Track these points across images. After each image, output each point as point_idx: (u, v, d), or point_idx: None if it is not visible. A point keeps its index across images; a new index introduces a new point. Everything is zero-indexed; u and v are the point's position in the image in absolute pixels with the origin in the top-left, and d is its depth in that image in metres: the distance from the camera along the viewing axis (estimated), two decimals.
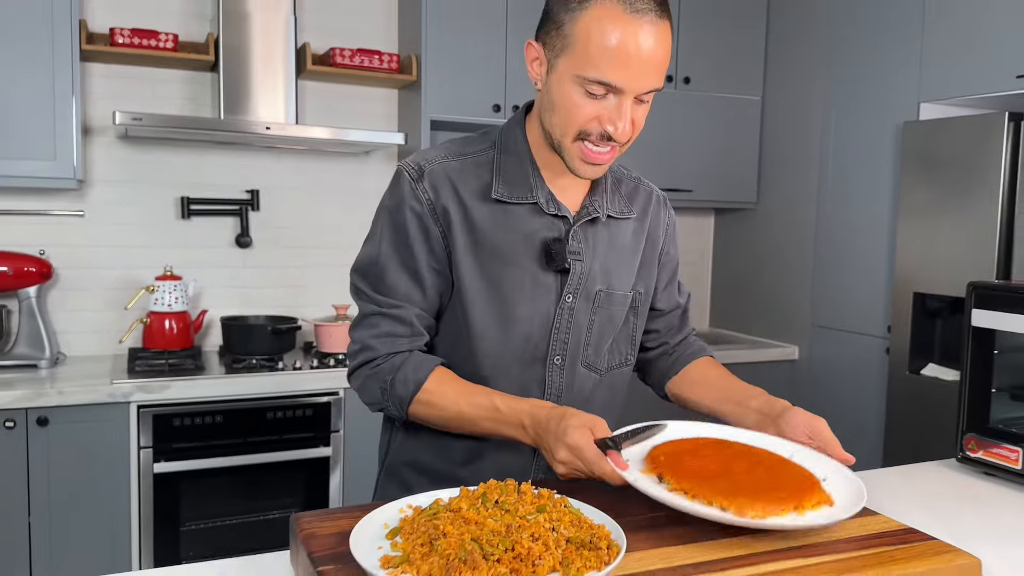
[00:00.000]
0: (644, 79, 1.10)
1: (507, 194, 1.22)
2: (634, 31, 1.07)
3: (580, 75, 1.11)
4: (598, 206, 1.28)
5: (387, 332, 1.21)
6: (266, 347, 2.82)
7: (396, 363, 1.20)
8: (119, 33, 2.70)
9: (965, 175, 2.65)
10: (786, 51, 3.51)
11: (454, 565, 0.85)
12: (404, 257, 1.22)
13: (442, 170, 1.23)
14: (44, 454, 2.39)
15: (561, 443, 1.06)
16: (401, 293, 1.22)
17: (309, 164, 3.18)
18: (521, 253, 1.23)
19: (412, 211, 1.22)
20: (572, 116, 1.14)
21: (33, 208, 2.81)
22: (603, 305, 1.29)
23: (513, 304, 1.22)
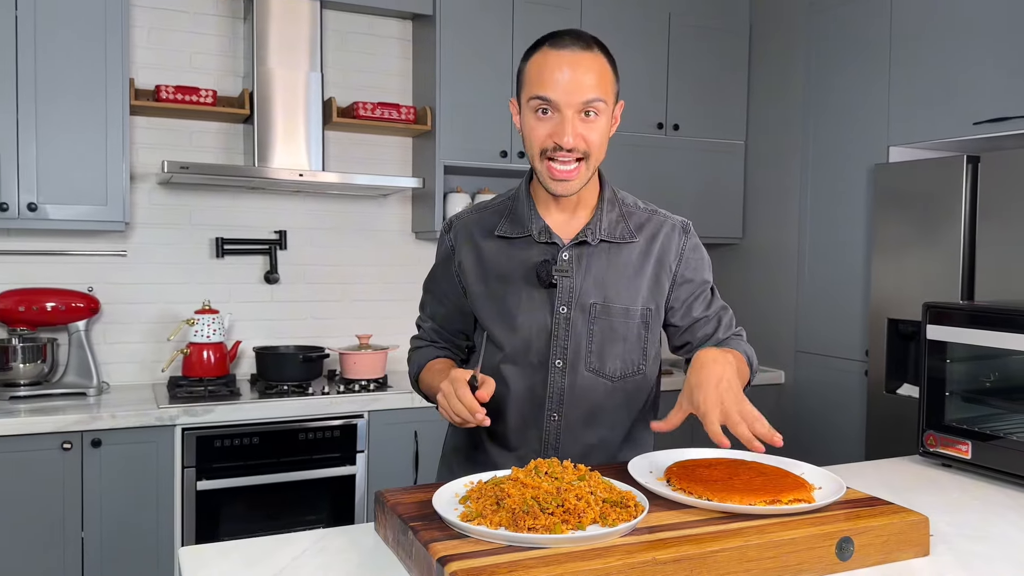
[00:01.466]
0: (573, 93, 1.40)
1: (508, 231, 1.54)
2: (557, 58, 1.42)
3: (529, 99, 1.44)
4: (589, 234, 1.53)
5: (416, 337, 1.73)
6: (296, 374, 3.06)
7: (415, 355, 1.69)
8: (164, 90, 2.98)
9: (931, 211, 2.94)
10: (767, 99, 3.83)
11: (519, 516, 1.10)
12: (432, 286, 1.68)
13: (464, 224, 1.61)
14: (97, 473, 2.60)
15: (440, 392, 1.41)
16: (427, 313, 1.69)
17: (333, 207, 3.45)
18: (519, 275, 1.53)
19: (440, 254, 1.65)
20: (531, 137, 1.46)
21: (82, 249, 3.06)
22: (601, 316, 1.52)
23: (514, 315, 1.52)
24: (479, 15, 3.33)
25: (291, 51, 3.12)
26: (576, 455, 1.55)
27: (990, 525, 1.40)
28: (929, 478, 1.66)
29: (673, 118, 3.76)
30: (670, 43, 3.73)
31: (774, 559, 1.13)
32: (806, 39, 3.56)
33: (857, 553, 1.18)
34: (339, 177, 3.09)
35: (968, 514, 1.45)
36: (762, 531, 1.15)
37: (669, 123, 3.75)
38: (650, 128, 3.70)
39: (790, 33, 3.69)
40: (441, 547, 1.07)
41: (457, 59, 3.30)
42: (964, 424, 1.69)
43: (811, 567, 1.16)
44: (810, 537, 1.15)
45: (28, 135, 2.70)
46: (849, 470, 1.70)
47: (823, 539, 1.16)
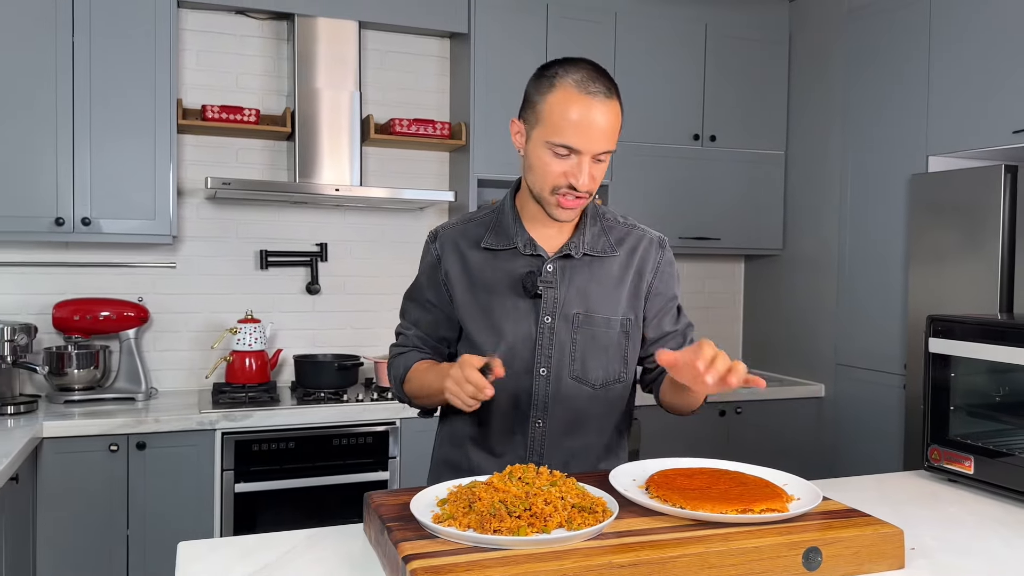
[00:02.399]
0: (596, 143, 1.45)
1: (494, 243, 1.59)
2: (587, 107, 1.43)
3: (549, 141, 1.45)
4: (573, 247, 1.58)
5: (398, 344, 1.71)
6: (332, 381, 3.17)
7: (400, 359, 1.67)
8: (210, 109, 3.13)
9: (969, 222, 2.88)
10: (807, 109, 3.80)
11: (486, 518, 1.15)
12: (416, 294, 1.69)
13: (450, 234, 1.65)
14: (142, 474, 2.74)
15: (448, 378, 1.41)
16: (410, 320, 1.69)
17: (371, 220, 3.56)
18: (505, 286, 1.57)
19: (425, 263, 1.67)
20: (545, 174, 1.48)
21: (133, 261, 3.22)
22: (583, 326, 1.57)
23: (500, 324, 1.57)
24: (513, 31, 3.40)
25: (331, 71, 3.24)
26: (559, 461, 1.60)
27: (978, 540, 1.38)
28: (930, 492, 1.64)
29: (710, 129, 3.76)
30: (706, 54, 3.74)
31: (736, 567, 1.15)
32: (845, 48, 3.53)
33: (826, 563, 1.19)
34: (374, 191, 3.19)
35: (959, 529, 1.44)
36: (727, 539, 1.17)
37: (706, 134, 3.75)
38: (686, 139, 3.70)
39: (829, 42, 3.65)
40: (409, 546, 1.12)
41: (491, 75, 3.37)
42: (968, 439, 1.67)
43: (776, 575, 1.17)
44: (776, 546, 1.17)
45: (83, 154, 2.87)
46: (850, 484, 1.70)
47: (789, 548, 1.18)
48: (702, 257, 4.15)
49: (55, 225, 2.84)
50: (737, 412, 3.54)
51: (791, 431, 3.64)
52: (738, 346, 4.27)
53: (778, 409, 3.63)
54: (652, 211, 3.64)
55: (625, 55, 3.58)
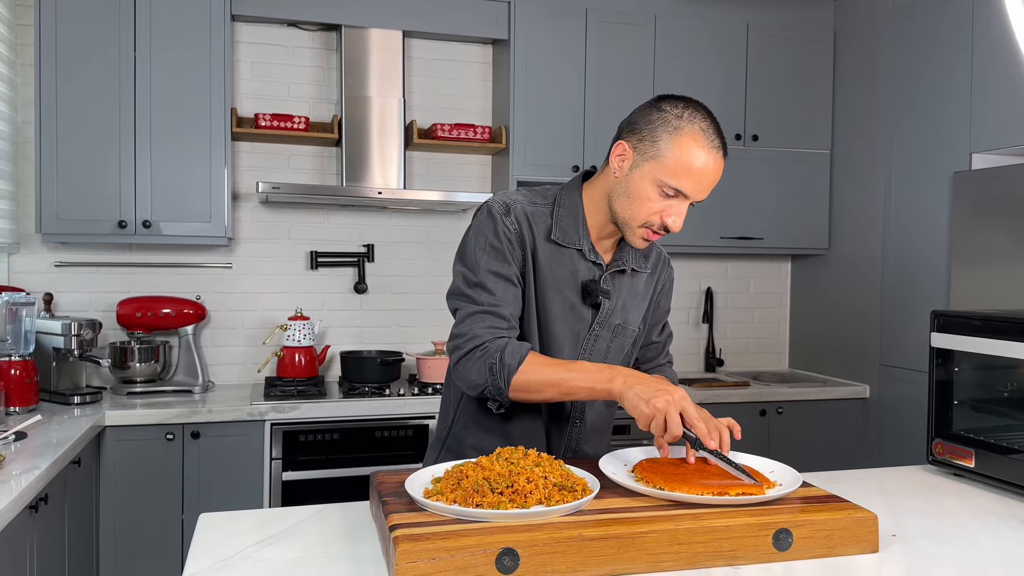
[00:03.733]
0: (703, 192, 1.51)
1: (562, 238, 1.59)
2: (710, 160, 1.47)
3: (662, 180, 1.48)
4: (625, 261, 1.65)
5: (491, 325, 1.51)
6: (377, 376, 3.30)
7: (501, 344, 1.48)
8: (262, 117, 3.30)
9: (1012, 219, 2.83)
10: (851, 108, 3.77)
11: (470, 494, 1.23)
12: (500, 268, 1.53)
13: (523, 210, 1.58)
14: (196, 462, 2.91)
15: (665, 393, 1.36)
16: (499, 296, 1.53)
17: (415, 222, 3.69)
18: (566, 285, 1.60)
19: (505, 236, 1.54)
20: (644, 207, 1.51)
21: (191, 261, 3.42)
22: (618, 336, 1.66)
23: (551, 322, 1.59)
24: (553, 35, 3.48)
25: (377, 79, 3.38)
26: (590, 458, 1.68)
27: (963, 529, 1.40)
28: (931, 485, 1.66)
29: (752, 129, 3.76)
30: (748, 53, 3.75)
31: (705, 544, 1.21)
32: (889, 46, 3.49)
33: (797, 545, 1.24)
34: (418, 194, 3.31)
35: (948, 519, 1.46)
36: (697, 517, 1.23)
37: (748, 134, 3.76)
38: (728, 139, 3.70)
39: (874, 40, 3.62)
40: (397, 517, 1.21)
41: (531, 78, 3.46)
42: (971, 433, 1.68)
43: (746, 554, 1.22)
44: (745, 526, 1.22)
45: (144, 161, 3.07)
46: (852, 476, 1.72)
47: (759, 529, 1.23)
48: (748, 257, 4.15)
49: (118, 227, 3.04)
50: (779, 412, 3.54)
51: (834, 432, 3.62)
52: (784, 347, 4.25)
53: (822, 410, 3.61)
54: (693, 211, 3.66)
55: (665, 57, 3.62)
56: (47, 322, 2.93)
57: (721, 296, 4.14)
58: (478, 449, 1.69)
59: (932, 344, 1.71)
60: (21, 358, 2.70)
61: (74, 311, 3.29)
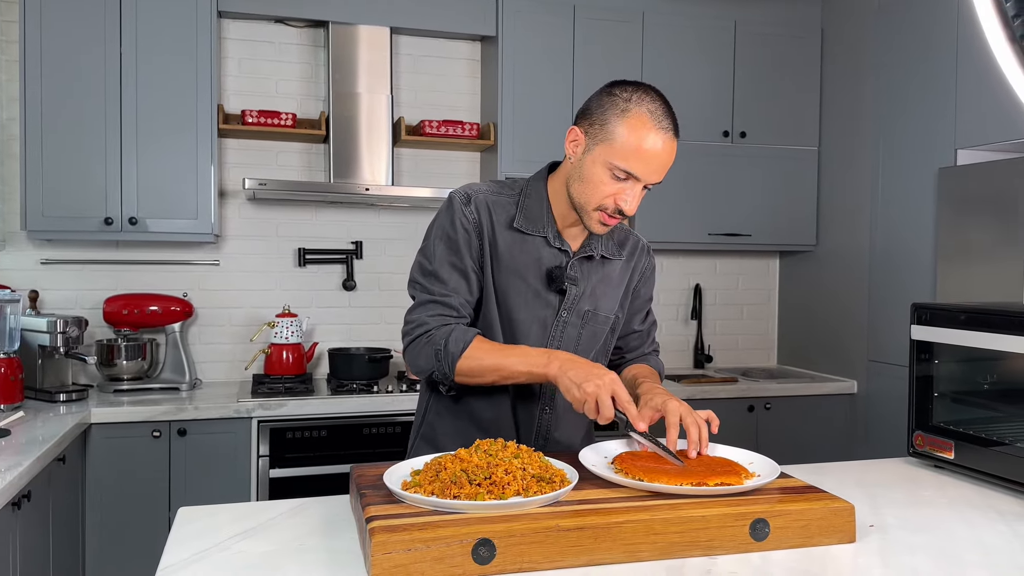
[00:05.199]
0: (655, 174, 1.51)
1: (525, 226, 1.61)
2: (658, 140, 1.48)
3: (612, 163, 1.49)
4: (593, 247, 1.66)
5: (440, 313, 1.56)
6: (364, 373, 3.30)
7: (447, 331, 1.53)
8: (249, 114, 3.29)
9: (996, 215, 2.84)
10: (838, 105, 3.78)
11: (447, 485, 1.23)
12: (454, 259, 1.57)
13: (484, 199, 1.60)
14: (182, 459, 2.90)
15: (596, 377, 1.41)
16: (451, 286, 1.56)
17: (404, 218, 3.68)
18: (529, 272, 1.61)
19: (462, 226, 1.57)
20: (597, 191, 1.53)
21: (178, 258, 3.41)
22: (589, 323, 1.66)
23: (514, 309, 1.61)
24: (541, 32, 3.48)
25: (364, 75, 3.37)
26: (563, 445, 1.70)
27: (941, 521, 1.41)
28: (910, 477, 1.66)
29: (740, 126, 3.77)
30: (735, 50, 3.75)
31: (681, 534, 1.21)
32: (876, 43, 3.50)
33: (774, 535, 1.24)
34: (406, 191, 3.31)
35: (925, 510, 1.46)
36: (674, 508, 1.23)
37: (736, 131, 3.76)
38: (715, 136, 3.73)
39: (860, 38, 3.63)
40: (375, 509, 1.21)
41: (519, 75, 3.46)
42: (951, 425, 1.68)
43: (723, 544, 1.23)
44: (722, 516, 1.23)
45: (130, 157, 3.06)
46: (832, 468, 1.73)
47: (736, 519, 1.23)
48: (736, 254, 4.16)
49: (104, 225, 3.03)
50: (767, 408, 3.55)
51: (822, 427, 3.63)
52: (773, 344, 4.26)
53: (809, 405, 3.62)
54: (682, 208, 3.68)
55: (653, 54, 3.63)
56: (33, 319, 2.92)
57: (710, 293, 4.15)
58: (449, 435, 1.71)
59: (912, 336, 1.71)
60: (6, 355, 2.68)
61: (60, 309, 3.27)
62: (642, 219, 3.60)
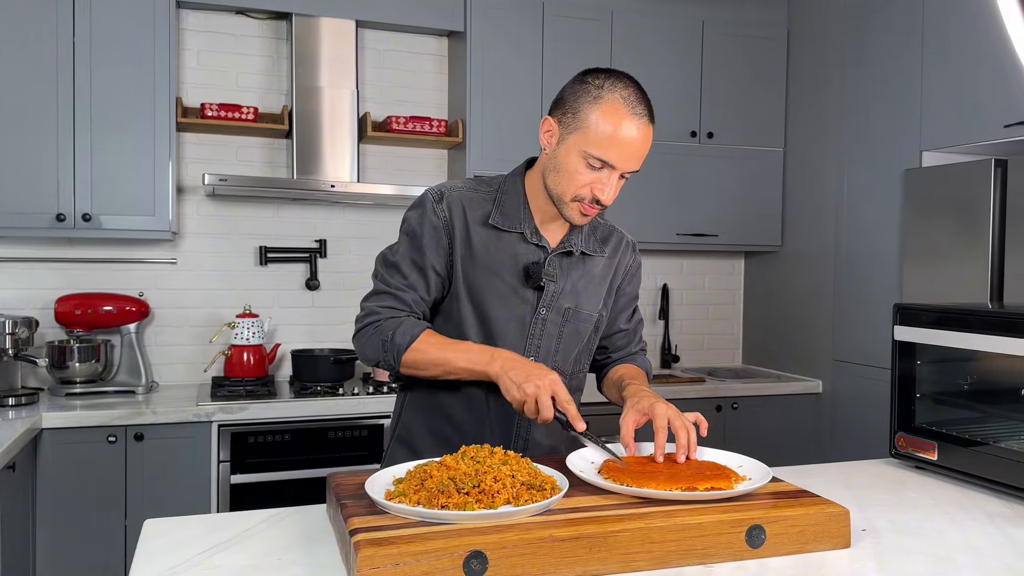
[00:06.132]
0: (631, 162, 1.48)
1: (501, 222, 1.57)
2: (632, 127, 1.45)
3: (586, 151, 1.46)
4: (573, 243, 1.63)
5: (390, 305, 1.54)
6: (329, 376, 3.21)
7: (396, 323, 1.51)
8: (209, 107, 3.19)
9: (961, 216, 2.88)
10: (804, 106, 3.80)
11: (435, 495, 1.18)
12: (415, 256, 1.55)
13: (458, 197, 1.57)
14: (139, 465, 2.79)
15: (537, 378, 1.37)
16: (408, 281, 1.55)
17: (370, 216, 3.60)
18: (506, 269, 1.57)
19: (430, 223, 1.55)
20: (573, 182, 1.49)
21: (134, 256, 3.29)
22: (571, 320, 1.62)
23: (490, 306, 1.57)
24: (510, 29, 3.43)
25: (329, 69, 3.29)
26: (546, 447, 1.65)
27: (930, 522, 1.40)
28: (895, 479, 1.65)
29: (707, 126, 3.77)
30: (703, 51, 3.75)
31: (678, 542, 1.17)
32: (842, 45, 3.53)
33: (770, 542, 1.21)
34: (371, 188, 3.23)
35: (914, 512, 1.45)
36: (669, 515, 1.19)
37: (703, 131, 3.76)
38: (683, 136, 3.72)
39: (827, 39, 3.66)
40: (358, 521, 1.15)
41: (487, 72, 3.41)
42: (933, 426, 1.68)
43: (719, 552, 1.19)
44: (718, 523, 1.19)
45: (83, 151, 2.93)
46: (816, 470, 1.71)
47: (732, 526, 1.20)
48: (701, 254, 4.16)
49: (56, 221, 2.90)
50: (733, 407, 3.55)
51: (788, 426, 3.64)
52: (738, 343, 4.27)
53: (776, 405, 3.63)
54: (650, 208, 3.67)
55: (622, 53, 3.60)
56: None
57: (676, 293, 4.14)
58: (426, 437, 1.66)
59: (895, 337, 1.71)
60: None
61: (9, 309, 3.13)
62: (612, 219, 3.56)
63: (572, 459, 1.42)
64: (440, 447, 1.60)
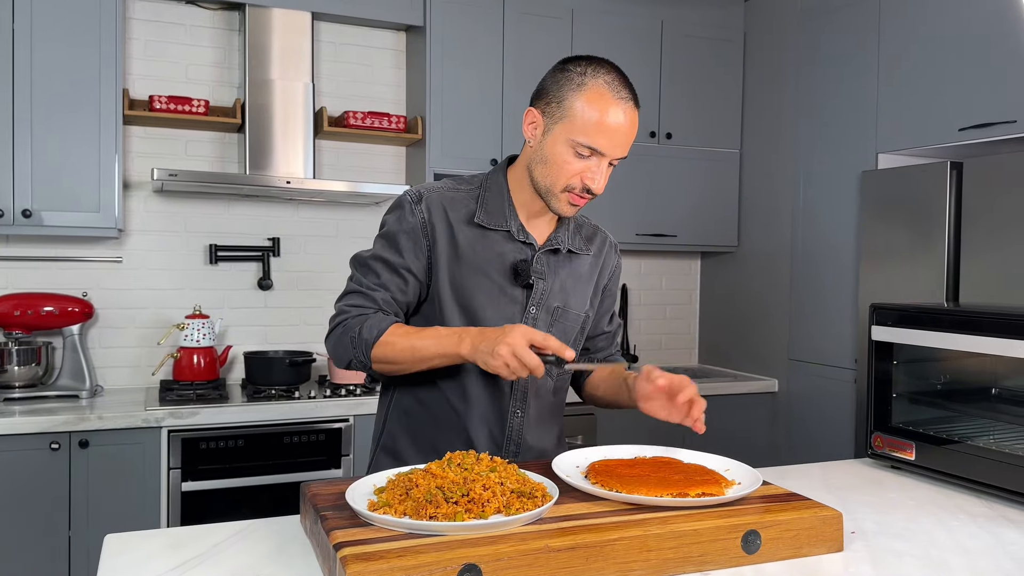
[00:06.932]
0: (620, 148, 1.45)
1: (486, 221, 1.53)
2: (618, 111, 1.43)
3: (574, 140, 1.43)
4: (560, 241, 1.59)
5: (359, 304, 1.50)
6: (284, 378, 3.11)
7: (363, 319, 1.47)
8: (157, 100, 3.06)
9: (917, 218, 2.92)
10: (761, 108, 3.83)
11: (422, 505, 1.12)
12: (390, 256, 1.51)
13: (438, 198, 1.53)
14: (84, 473, 2.66)
15: (504, 337, 1.31)
16: (381, 280, 1.51)
17: (325, 214, 3.51)
18: (493, 268, 1.53)
19: (408, 224, 1.51)
20: (562, 171, 1.46)
21: (77, 255, 3.14)
22: (559, 319, 1.59)
23: (480, 308, 1.51)
24: (469, 26, 3.38)
25: (283, 62, 3.19)
26: (537, 450, 1.61)
27: (916, 524, 1.39)
28: (873, 479, 1.65)
29: (666, 127, 3.77)
30: (663, 51, 3.75)
31: (675, 549, 1.14)
32: (798, 47, 3.56)
33: (765, 547, 1.19)
34: (327, 184, 3.14)
35: (898, 513, 1.45)
36: (665, 522, 1.16)
37: (662, 132, 3.76)
38: (643, 136, 3.71)
39: (783, 41, 3.69)
40: (341, 534, 1.09)
41: (447, 69, 3.35)
42: (910, 426, 1.69)
43: (715, 559, 1.16)
44: (714, 529, 1.16)
45: (23, 143, 2.79)
46: (794, 471, 1.70)
47: (728, 532, 1.17)
48: (659, 254, 4.17)
49: None
50: None
51: (745, 425, 3.66)
52: (694, 343, 4.29)
53: (732, 404, 3.65)
54: (610, 208, 3.64)
55: (582, 51, 3.57)
56: None
57: (635, 293, 4.14)
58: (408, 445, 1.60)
59: (872, 337, 1.71)
60: None
61: None
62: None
63: (557, 463, 1.38)
64: (427, 455, 1.55)
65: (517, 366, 1.31)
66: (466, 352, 1.37)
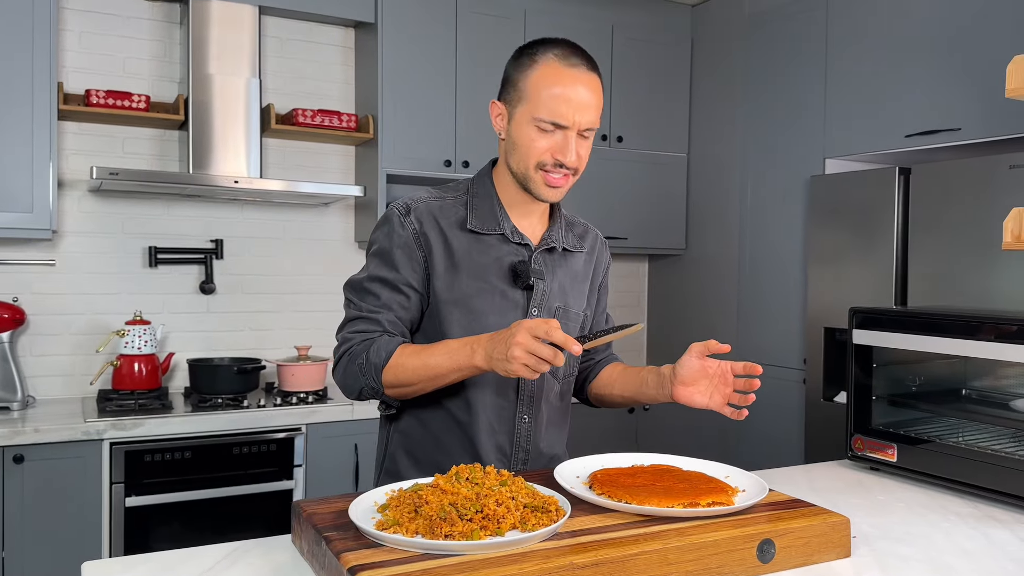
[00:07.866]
0: (581, 116, 1.42)
1: (479, 226, 1.50)
2: (571, 80, 1.41)
3: (535, 117, 1.42)
4: (554, 239, 1.56)
5: (363, 330, 1.45)
6: (231, 387, 2.99)
7: (368, 344, 1.42)
8: (95, 94, 2.90)
9: (865, 222, 2.99)
10: (708, 112, 3.88)
11: (435, 523, 1.07)
12: (387, 274, 1.47)
13: (426, 207, 1.50)
14: (19, 490, 2.50)
15: (512, 339, 1.25)
16: (382, 301, 1.46)
17: (272, 215, 3.39)
18: (491, 273, 1.49)
19: (400, 238, 1.47)
20: (531, 150, 1.43)
21: (7, 258, 2.95)
22: (561, 319, 1.55)
23: (483, 315, 1.47)
24: (422, 24, 3.32)
25: (228, 57, 3.06)
26: (546, 457, 1.58)
27: (911, 526, 1.41)
28: (856, 481, 1.67)
29: (617, 130, 3.78)
30: (613, 55, 3.76)
31: (695, 562, 1.12)
32: (745, 53, 3.62)
33: (779, 555, 1.18)
34: (275, 184, 3.03)
35: (891, 516, 1.46)
36: (682, 534, 1.14)
37: (613, 135, 3.77)
38: (594, 139, 3.70)
39: (730, 47, 3.74)
40: (353, 557, 1.03)
41: (400, 68, 3.28)
42: (891, 428, 1.71)
43: (732, 569, 1.15)
44: (731, 539, 1.15)
45: None
46: (779, 474, 1.71)
47: (744, 541, 1.15)
48: None
49: None
50: (645, 409, 3.57)
51: (696, 427, 3.70)
52: (643, 345, 4.32)
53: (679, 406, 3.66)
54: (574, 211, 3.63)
55: None
56: None
57: None
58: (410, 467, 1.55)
59: (853, 341, 1.73)
60: None
61: None
62: None
63: (559, 472, 1.34)
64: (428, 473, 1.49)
65: (535, 362, 1.26)
66: (481, 362, 1.33)
